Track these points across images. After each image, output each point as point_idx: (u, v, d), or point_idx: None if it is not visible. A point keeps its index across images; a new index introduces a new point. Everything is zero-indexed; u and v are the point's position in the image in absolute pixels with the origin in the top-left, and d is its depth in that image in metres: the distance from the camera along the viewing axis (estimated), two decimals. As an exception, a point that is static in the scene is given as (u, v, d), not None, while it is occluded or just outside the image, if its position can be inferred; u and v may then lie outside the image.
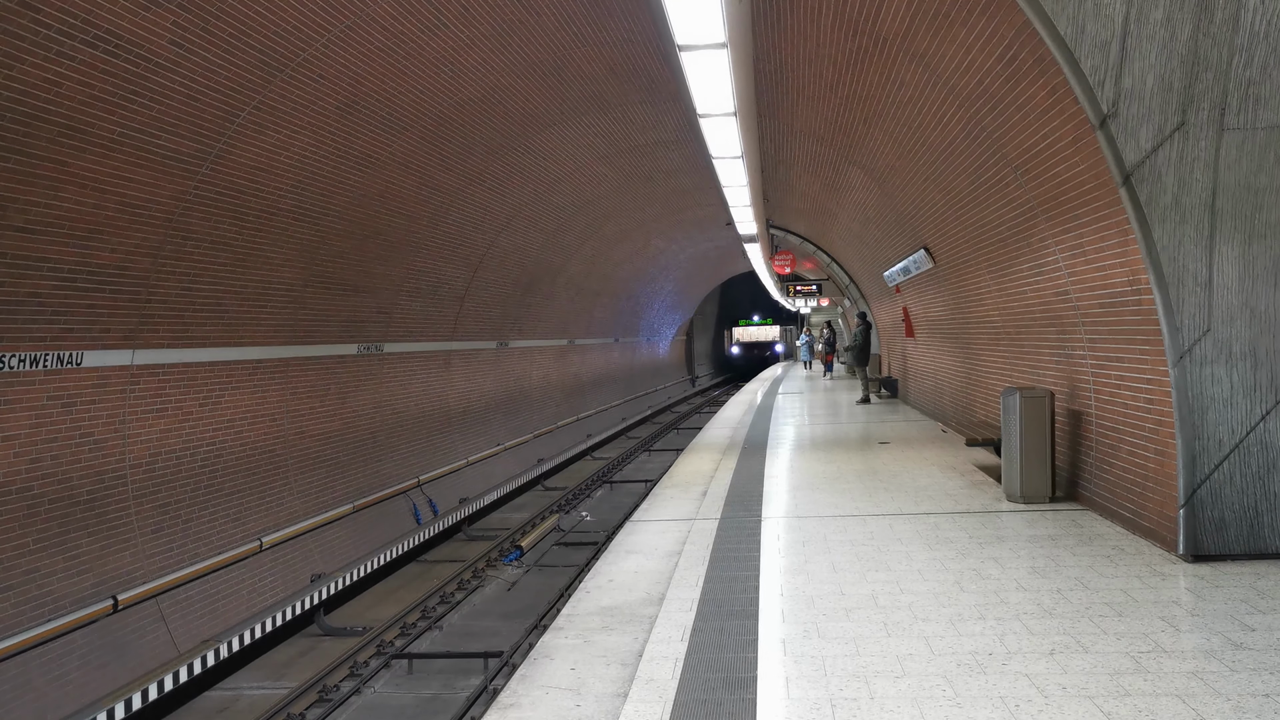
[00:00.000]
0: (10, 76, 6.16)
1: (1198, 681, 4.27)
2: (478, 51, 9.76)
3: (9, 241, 6.93)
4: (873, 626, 5.19)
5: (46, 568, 7.71)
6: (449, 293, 15.75)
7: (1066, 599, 5.56)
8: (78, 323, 7.87)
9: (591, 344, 28.82)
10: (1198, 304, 6.26)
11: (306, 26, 7.81)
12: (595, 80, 11.94)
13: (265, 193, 9.40)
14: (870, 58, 9.44)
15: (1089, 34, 6.03)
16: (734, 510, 8.60)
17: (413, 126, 10.70)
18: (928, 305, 15.50)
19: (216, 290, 9.46)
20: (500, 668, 9.01)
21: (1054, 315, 8.65)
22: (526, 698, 4.46)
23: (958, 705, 4.10)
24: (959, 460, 11.12)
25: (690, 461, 12.11)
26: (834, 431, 14.79)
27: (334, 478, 12.39)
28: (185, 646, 8.81)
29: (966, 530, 7.44)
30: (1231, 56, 5.91)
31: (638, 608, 5.79)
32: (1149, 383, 6.74)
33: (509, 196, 15.22)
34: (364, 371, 13.31)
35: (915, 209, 12.73)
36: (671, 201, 22.20)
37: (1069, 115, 6.52)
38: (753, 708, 4.16)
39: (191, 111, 7.77)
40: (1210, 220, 6.18)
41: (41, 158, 6.81)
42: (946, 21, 7.42)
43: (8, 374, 7.29)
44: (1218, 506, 6.30)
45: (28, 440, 7.55)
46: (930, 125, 9.64)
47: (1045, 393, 8.30)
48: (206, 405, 9.75)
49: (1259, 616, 5.13)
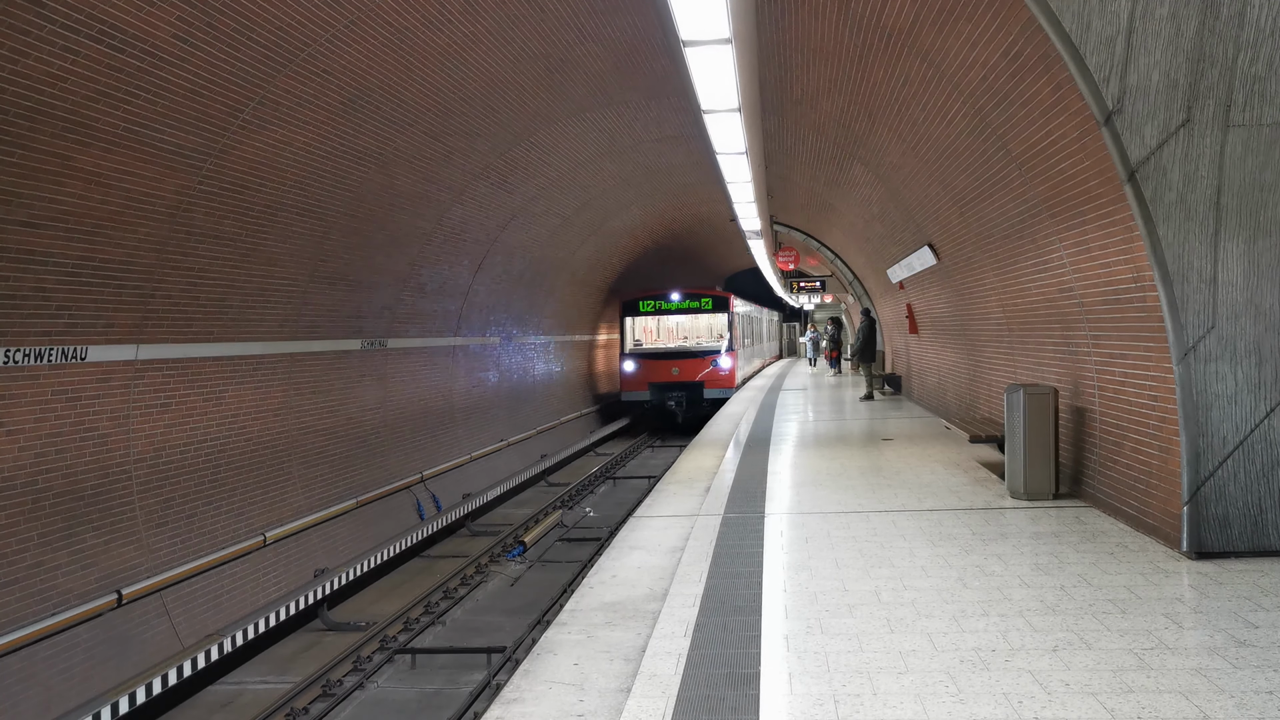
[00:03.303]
0: (15, 71, 6.17)
1: (1201, 678, 4.26)
2: (482, 47, 9.76)
3: (13, 236, 6.94)
4: (876, 623, 5.19)
5: (51, 562, 7.74)
6: (455, 288, 15.76)
7: (1070, 596, 5.56)
8: (82, 318, 7.88)
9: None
10: (1202, 301, 6.24)
11: (311, 22, 7.81)
12: (599, 76, 11.93)
13: (269, 188, 9.41)
14: (875, 53, 9.42)
15: (1094, 30, 6.02)
16: (737, 506, 8.60)
17: (417, 122, 10.70)
18: (932, 302, 15.48)
19: (220, 285, 9.47)
20: (503, 663, 9.03)
21: (1058, 312, 8.64)
22: (530, 693, 4.46)
23: (960, 701, 4.10)
24: (962, 457, 11.12)
25: (693, 457, 12.11)
26: (837, 428, 14.78)
27: (338, 473, 12.42)
28: (189, 641, 8.83)
29: (970, 527, 7.44)
30: (1237, 53, 5.89)
31: (641, 603, 5.80)
32: (1153, 380, 6.73)
33: (515, 192, 15.22)
34: (368, 366, 13.33)
35: (919, 205, 12.71)
36: (677, 197, 22.18)
37: (1074, 111, 6.50)
38: (756, 703, 4.16)
39: (195, 107, 7.78)
40: (1215, 217, 6.16)
41: (46, 152, 6.82)
42: (951, 17, 7.40)
43: (12, 369, 7.30)
44: (1221, 504, 6.30)
45: (32, 435, 7.57)
46: (935, 121, 9.62)
47: (1049, 389, 8.29)
48: (210, 400, 9.77)
49: (1262, 614, 5.13)
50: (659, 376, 26.25)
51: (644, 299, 27.10)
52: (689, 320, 32.70)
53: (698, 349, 27.08)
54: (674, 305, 27.17)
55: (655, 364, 26.40)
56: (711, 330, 32.12)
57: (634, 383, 26.34)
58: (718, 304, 27.32)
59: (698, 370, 26.38)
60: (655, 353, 26.87)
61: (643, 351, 26.92)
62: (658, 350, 27.29)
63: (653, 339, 31.48)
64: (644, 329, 30.35)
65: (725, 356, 26.35)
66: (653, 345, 29.38)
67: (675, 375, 26.23)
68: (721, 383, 26.14)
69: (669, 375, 26.26)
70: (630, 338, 27.41)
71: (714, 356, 26.49)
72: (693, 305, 27.23)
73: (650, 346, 28.40)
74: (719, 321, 31.00)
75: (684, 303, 27.19)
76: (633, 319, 27.59)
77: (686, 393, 26.27)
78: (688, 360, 26.51)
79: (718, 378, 26.35)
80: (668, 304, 27.13)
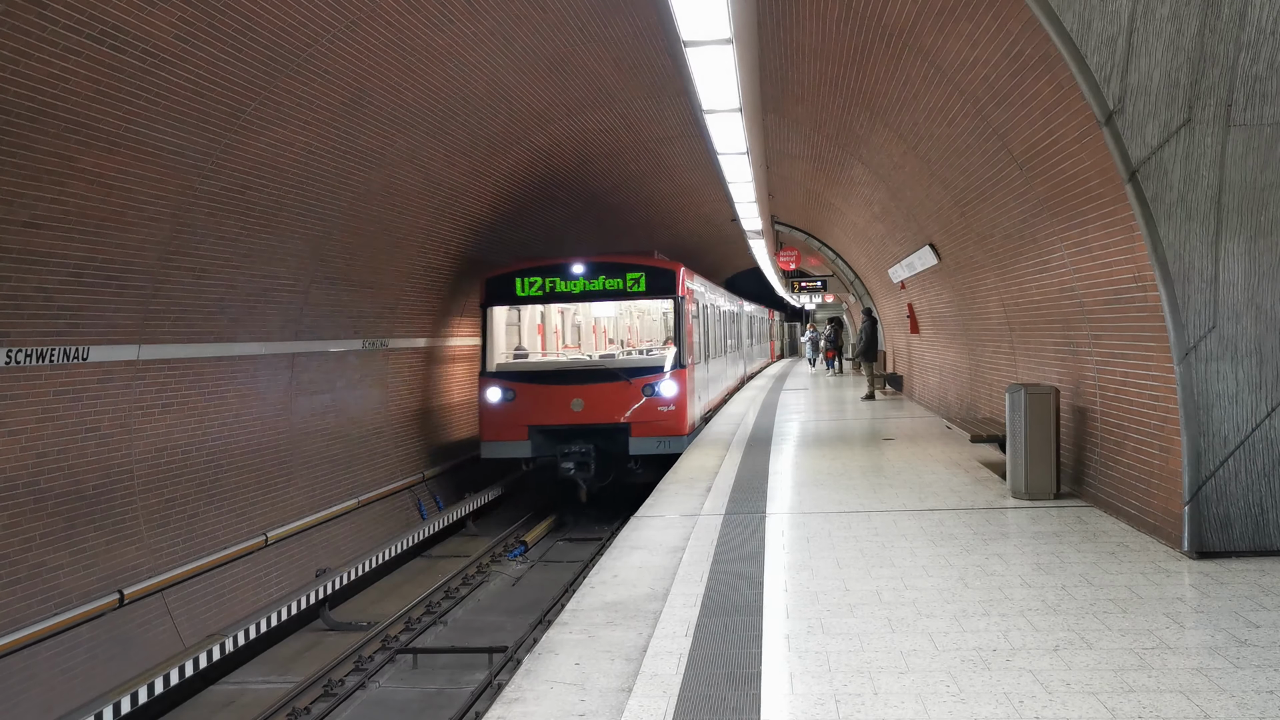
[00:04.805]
0: (17, 72, 6.18)
1: (1202, 678, 4.26)
2: (483, 47, 9.76)
3: (16, 237, 6.95)
4: (877, 622, 5.20)
5: (53, 561, 7.75)
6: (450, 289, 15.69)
7: (1071, 595, 5.56)
8: (84, 318, 7.89)
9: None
10: (1203, 300, 6.24)
11: (312, 22, 7.82)
12: (600, 76, 11.93)
13: (270, 188, 9.41)
14: (875, 53, 9.42)
15: (1095, 29, 6.02)
16: (738, 506, 8.61)
17: (418, 122, 10.71)
18: (933, 301, 15.48)
19: (221, 285, 9.48)
20: (505, 663, 9.03)
21: (1059, 312, 8.64)
22: (531, 692, 4.47)
23: (962, 701, 4.10)
24: (963, 456, 11.12)
25: (695, 457, 12.12)
26: (839, 427, 14.79)
27: (338, 473, 12.41)
28: (191, 640, 8.84)
29: (971, 526, 7.44)
30: (1238, 52, 5.88)
31: (642, 603, 5.80)
32: (1154, 379, 6.73)
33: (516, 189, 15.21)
34: (369, 366, 13.32)
35: (920, 205, 12.72)
36: (676, 197, 22.18)
37: (1075, 111, 6.50)
38: (757, 703, 4.17)
39: (197, 107, 7.78)
40: (1216, 217, 6.16)
41: (48, 153, 6.83)
42: (952, 17, 7.40)
43: (14, 369, 7.31)
44: (1222, 503, 6.30)
45: (34, 435, 7.58)
46: (935, 121, 9.62)
47: (1050, 389, 8.29)
48: (212, 400, 9.78)
49: (1263, 613, 5.13)
50: (548, 415, 14.38)
51: (523, 273, 14.87)
52: (606, 312, 20.26)
53: (619, 366, 14.88)
54: (577, 285, 14.87)
55: (540, 393, 14.42)
56: (647, 329, 21.27)
57: (502, 426, 14.47)
58: (657, 282, 14.89)
59: (619, 404, 14.39)
60: (541, 372, 14.85)
61: (519, 370, 14.88)
62: (546, 368, 15.13)
63: (544, 346, 18.13)
64: (526, 328, 17.32)
65: (669, 379, 14.39)
66: (538, 359, 16.60)
67: (577, 414, 14.35)
68: (662, 427, 14.31)
69: (565, 413, 14.35)
70: (497, 345, 15.34)
71: (650, 379, 14.45)
72: (612, 285, 14.90)
73: (533, 361, 15.90)
74: (659, 314, 20.16)
75: (596, 281, 14.82)
76: (503, 311, 15.73)
77: (597, 445, 14.37)
78: (599, 387, 14.40)
79: (656, 417, 14.36)
80: (566, 282, 14.83)
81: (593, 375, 14.45)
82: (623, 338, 21.67)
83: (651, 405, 14.27)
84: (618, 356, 16.75)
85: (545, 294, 14.76)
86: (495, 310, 15.04)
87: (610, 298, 15.19)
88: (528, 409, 14.29)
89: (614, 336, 21.46)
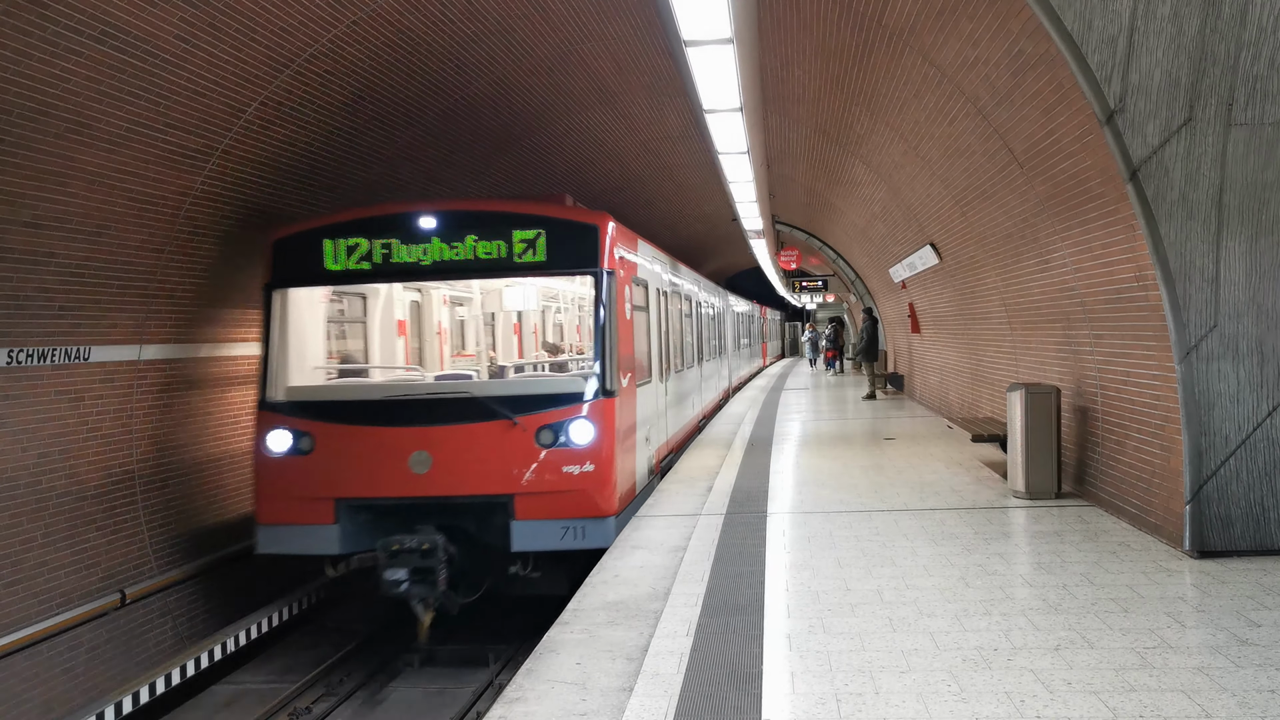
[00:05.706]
0: (18, 72, 6.18)
1: (1203, 677, 4.26)
2: (483, 46, 9.77)
3: (17, 237, 6.95)
4: (878, 622, 5.20)
5: (55, 562, 7.75)
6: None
7: (1072, 595, 5.56)
8: (85, 318, 7.88)
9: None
10: (1205, 300, 6.24)
11: (313, 22, 7.82)
12: (600, 76, 11.94)
13: (271, 188, 9.42)
14: (876, 52, 9.42)
15: (1096, 29, 6.02)
16: (739, 506, 8.61)
17: (418, 121, 10.71)
18: (933, 301, 15.48)
19: (222, 285, 9.48)
20: (506, 662, 9.03)
21: (1060, 311, 8.63)
22: (532, 692, 4.47)
23: (963, 700, 4.11)
24: (964, 456, 11.12)
25: (696, 457, 12.12)
26: (840, 427, 14.79)
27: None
28: (192, 640, 8.84)
29: (972, 526, 7.44)
30: (1239, 52, 5.88)
31: (643, 603, 5.81)
32: (1155, 379, 6.73)
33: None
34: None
35: (921, 205, 12.71)
36: (677, 198, 22.18)
37: (1075, 110, 6.50)
38: (758, 702, 4.17)
39: (198, 107, 7.78)
40: (1217, 216, 6.16)
41: (49, 153, 6.83)
42: (952, 16, 7.40)
43: (16, 369, 7.31)
44: (1224, 503, 6.29)
45: (35, 435, 7.58)
46: (936, 120, 9.62)
47: (1051, 389, 8.29)
48: (213, 400, 9.78)
49: (1265, 612, 5.13)
50: (370, 480, 7.88)
51: (336, 231, 8.33)
52: (480, 295, 12.88)
53: (496, 394, 8.19)
54: (429, 251, 8.20)
55: (357, 440, 7.91)
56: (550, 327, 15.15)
57: (292, 498, 8.03)
58: (565, 247, 8.17)
59: (494, 461, 7.79)
60: (361, 403, 8.18)
61: (321, 400, 8.27)
62: (368, 395, 8.41)
63: (371, 358, 10.13)
64: (378, 326, 10.26)
65: (584, 419, 7.83)
66: (359, 382, 9.39)
67: (420, 477, 7.80)
68: (571, 501, 7.78)
69: (400, 477, 7.81)
70: (292, 356, 8.64)
71: (551, 416, 7.84)
72: (487, 252, 8.12)
73: (344, 385, 9.12)
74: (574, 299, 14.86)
75: (461, 244, 8.14)
76: (305, 295, 8.88)
77: (456, 533, 7.92)
78: (460, 430, 7.85)
79: (560, 484, 7.76)
80: (409, 247, 8.20)
81: (449, 409, 7.92)
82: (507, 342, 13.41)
83: (553, 463, 7.78)
84: (507, 375, 10.35)
85: (375, 266, 8.25)
86: (290, 295, 8.57)
87: (485, 271, 8.53)
88: (335, 468, 7.94)
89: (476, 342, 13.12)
